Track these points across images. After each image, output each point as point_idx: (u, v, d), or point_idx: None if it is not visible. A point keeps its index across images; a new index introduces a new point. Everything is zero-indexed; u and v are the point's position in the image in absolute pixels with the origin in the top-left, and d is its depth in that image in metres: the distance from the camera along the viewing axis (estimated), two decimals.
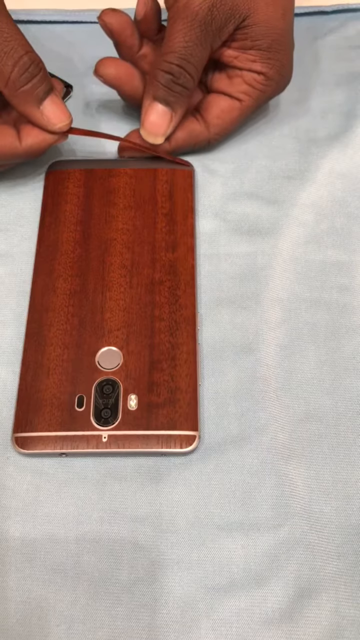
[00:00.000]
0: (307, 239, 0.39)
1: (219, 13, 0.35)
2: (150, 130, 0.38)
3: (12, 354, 0.35)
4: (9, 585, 0.30)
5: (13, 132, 0.36)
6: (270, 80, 0.39)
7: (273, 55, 0.37)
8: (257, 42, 0.37)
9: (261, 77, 0.38)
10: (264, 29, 0.36)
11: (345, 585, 0.30)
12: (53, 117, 0.36)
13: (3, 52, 0.33)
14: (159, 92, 0.37)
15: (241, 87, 0.39)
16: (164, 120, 0.38)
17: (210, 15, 0.35)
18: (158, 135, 0.38)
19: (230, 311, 0.37)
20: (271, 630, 0.29)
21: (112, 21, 0.39)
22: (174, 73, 0.36)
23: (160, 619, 0.30)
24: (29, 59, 0.34)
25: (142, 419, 0.32)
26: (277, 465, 0.33)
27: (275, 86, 0.39)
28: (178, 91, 0.37)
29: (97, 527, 0.31)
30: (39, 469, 0.33)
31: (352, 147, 0.42)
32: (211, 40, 0.36)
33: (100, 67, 0.39)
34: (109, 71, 0.39)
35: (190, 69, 0.36)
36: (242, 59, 0.38)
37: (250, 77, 0.38)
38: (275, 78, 0.39)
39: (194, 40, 0.35)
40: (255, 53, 0.37)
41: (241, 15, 0.36)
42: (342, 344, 0.36)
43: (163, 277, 0.36)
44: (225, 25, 0.36)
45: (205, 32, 0.35)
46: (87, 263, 0.37)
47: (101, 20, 0.39)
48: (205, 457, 0.33)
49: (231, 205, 0.41)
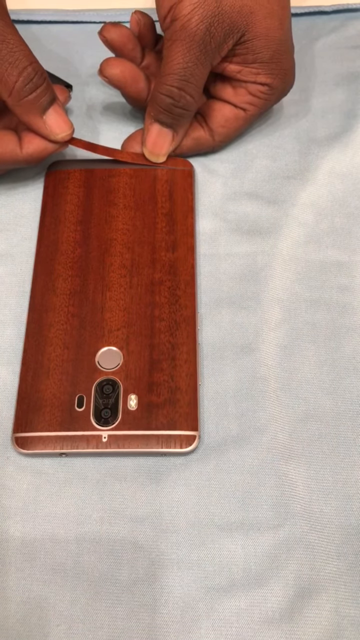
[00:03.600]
0: (307, 239, 0.39)
1: (216, 31, 0.34)
2: (152, 150, 0.39)
3: (12, 354, 0.35)
4: (9, 585, 0.30)
5: (14, 139, 0.37)
6: (275, 90, 0.39)
7: (275, 65, 0.37)
8: (258, 55, 0.37)
9: (266, 88, 0.38)
10: (264, 42, 0.36)
11: (345, 585, 0.30)
12: (55, 127, 0.36)
13: (8, 63, 0.33)
14: (160, 116, 0.37)
15: (245, 98, 0.39)
16: (166, 140, 0.39)
17: (208, 34, 0.34)
18: (160, 155, 0.39)
19: (230, 311, 0.37)
20: (271, 630, 0.29)
21: (112, 37, 0.39)
22: (174, 96, 0.36)
23: (160, 619, 0.30)
24: (33, 69, 0.34)
25: (142, 419, 0.32)
26: (277, 465, 0.33)
27: (279, 93, 0.39)
28: (178, 114, 0.37)
29: (97, 527, 0.31)
30: (39, 469, 0.33)
31: (352, 147, 0.42)
32: (211, 59, 0.36)
33: (106, 67, 0.39)
34: (115, 72, 0.39)
35: (191, 89, 0.36)
36: (245, 73, 0.38)
37: (254, 89, 0.38)
38: (279, 86, 0.39)
39: (194, 61, 0.35)
40: (257, 66, 0.37)
41: (239, 30, 0.35)
42: (342, 344, 0.36)
43: (163, 277, 0.36)
44: (225, 42, 0.35)
45: (205, 51, 0.35)
46: (87, 263, 0.37)
47: (102, 36, 0.39)
48: (205, 457, 0.33)
49: (231, 205, 0.41)
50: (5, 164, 0.37)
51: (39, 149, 0.37)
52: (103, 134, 0.43)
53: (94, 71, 0.46)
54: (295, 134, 0.43)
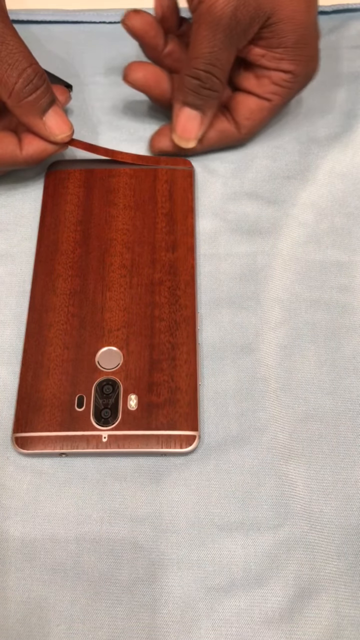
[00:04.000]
0: (307, 239, 0.39)
1: (242, 15, 0.34)
2: (182, 134, 0.39)
3: (12, 354, 0.35)
4: (9, 585, 0.30)
5: (14, 140, 0.37)
6: (299, 77, 0.38)
7: (300, 51, 0.37)
8: (283, 39, 0.36)
9: (289, 76, 0.38)
10: (290, 26, 0.36)
11: (345, 585, 0.30)
12: (55, 128, 0.36)
13: (7, 64, 0.33)
14: (188, 98, 0.37)
15: (269, 88, 0.38)
16: (195, 124, 0.39)
17: (234, 18, 0.34)
18: (190, 139, 0.39)
19: (230, 311, 0.37)
20: (271, 630, 0.29)
21: (135, 24, 0.39)
22: (201, 78, 0.36)
23: (160, 619, 0.30)
24: (33, 71, 0.34)
25: (142, 419, 0.32)
26: (277, 465, 0.33)
27: (303, 81, 0.39)
28: (206, 94, 0.37)
29: (97, 527, 0.31)
30: (39, 469, 0.33)
31: (352, 147, 0.42)
32: (237, 42, 0.36)
33: (129, 72, 0.39)
34: (138, 76, 0.39)
35: (217, 72, 0.36)
36: (269, 58, 0.37)
37: (277, 77, 0.38)
38: (302, 74, 0.38)
39: (219, 45, 0.35)
40: (282, 51, 0.37)
41: (265, 13, 0.35)
42: (342, 344, 0.36)
43: (163, 277, 0.36)
44: (250, 25, 0.35)
45: (230, 35, 0.35)
46: (87, 263, 0.37)
47: (124, 23, 0.39)
48: (205, 457, 0.33)
49: (231, 205, 0.41)
50: (5, 165, 0.37)
51: (38, 150, 0.37)
52: (103, 134, 0.43)
53: (93, 71, 0.46)
54: (295, 134, 0.43)
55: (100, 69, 0.46)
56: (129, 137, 0.43)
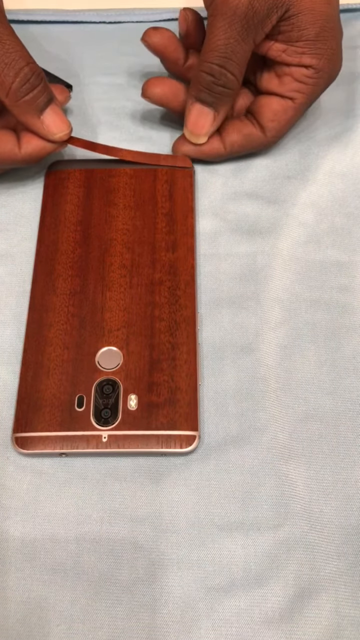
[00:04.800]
0: (307, 239, 0.39)
1: (259, 5, 0.33)
2: (193, 130, 0.39)
3: (12, 354, 0.35)
4: (9, 585, 0.30)
5: (13, 139, 0.37)
6: (321, 72, 0.37)
7: (321, 44, 0.36)
8: (303, 31, 0.35)
9: (311, 71, 0.37)
10: (310, 17, 0.35)
11: (345, 585, 0.30)
12: (53, 127, 0.36)
13: (4, 64, 0.33)
14: (201, 94, 0.37)
15: (292, 86, 0.37)
16: (207, 120, 0.38)
17: (251, 8, 0.33)
18: (200, 135, 0.39)
19: (230, 311, 0.37)
20: (271, 630, 0.29)
21: (154, 40, 0.39)
22: (215, 74, 0.36)
23: (160, 619, 0.30)
24: (30, 70, 0.34)
25: (142, 419, 0.32)
26: (277, 465, 0.33)
27: (327, 77, 0.38)
28: (219, 92, 0.37)
29: (97, 527, 0.31)
30: (39, 469, 0.33)
31: (352, 147, 0.42)
32: (254, 35, 0.35)
33: (147, 88, 0.40)
34: (156, 91, 0.39)
35: (232, 67, 0.35)
36: (290, 52, 0.36)
37: (299, 74, 0.37)
38: (325, 69, 0.37)
39: (235, 37, 0.34)
40: (302, 44, 0.36)
41: (284, 4, 0.34)
42: (342, 344, 0.36)
43: (163, 277, 0.36)
44: (268, 17, 0.34)
45: (247, 27, 0.34)
46: (87, 263, 0.37)
47: (144, 41, 0.39)
48: (205, 457, 0.33)
49: (231, 205, 0.41)
50: (4, 164, 0.37)
51: (37, 149, 0.37)
52: (103, 134, 0.43)
53: (93, 71, 0.46)
54: (295, 134, 0.43)
55: (100, 69, 0.46)
56: (129, 137, 0.43)
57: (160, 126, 0.44)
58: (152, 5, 0.48)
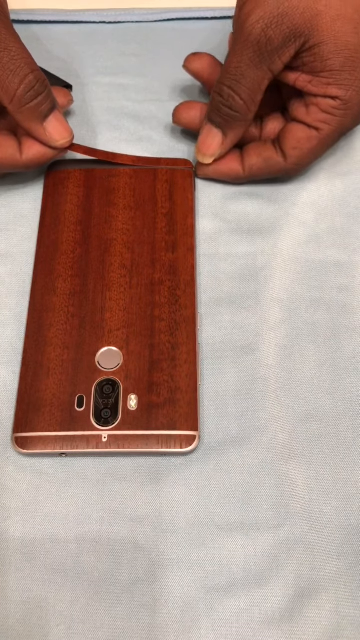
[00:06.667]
0: (307, 239, 0.39)
1: (275, 33, 0.33)
2: (200, 149, 0.39)
3: (12, 354, 0.35)
4: (9, 585, 0.30)
5: (14, 144, 0.37)
6: (349, 104, 0.35)
7: (348, 74, 0.34)
8: (327, 62, 0.34)
9: (338, 102, 0.35)
10: (333, 47, 0.33)
11: (345, 585, 0.30)
12: (55, 134, 0.36)
13: (10, 70, 0.33)
14: (211, 115, 0.37)
15: (318, 116, 0.36)
16: (214, 141, 0.38)
17: (264, 35, 0.33)
18: (206, 155, 0.39)
19: (230, 311, 0.37)
20: (271, 630, 0.29)
21: (196, 66, 0.40)
22: (224, 95, 0.35)
23: (160, 619, 0.30)
24: (35, 77, 0.34)
25: (142, 419, 0.32)
26: (277, 465, 0.33)
27: (355, 109, 0.36)
28: (226, 114, 0.36)
29: (97, 527, 0.31)
30: (39, 469, 0.33)
31: (353, 147, 0.42)
32: (268, 63, 0.34)
33: (177, 115, 0.41)
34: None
35: (241, 91, 0.35)
36: (316, 83, 0.35)
37: (326, 105, 0.35)
38: (354, 100, 0.35)
39: (246, 62, 0.34)
40: (328, 75, 0.34)
41: (302, 35, 0.33)
42: (342, 344, 0.36)
43: (163, 277, 0.36)
44: (285, 46, 0.33)
45: (260, 53, 0.33)
46: (87, 263, 0.37)
47: (185, 67, 0.40)
48: (205, 457, 0.33)
49: (231, 204, 0.41)
50: (5, 169, 0.38)
51: (38, 155, 0.37)
52: (102, 134, 0.43)
53: (93, 71, 0.46)
54: None
55: (100, 69, 0.46)
56: (129, 137, 0.43)
57: (160, 126, 0.44)
58: (152, 5, 0.48)
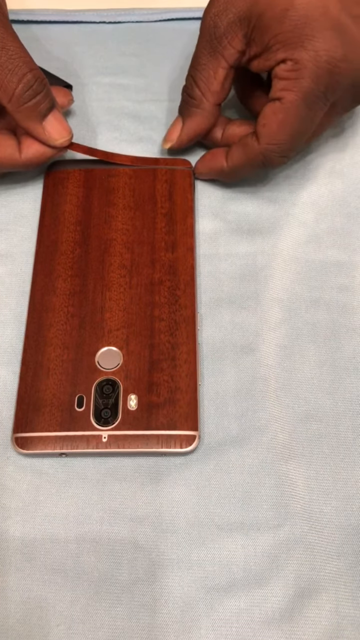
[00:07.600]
0: (307, 239, 0.39)
1: (220, 20, 0.35)
2: (166, 135, 0.41)
3: (12, 354, 0.35)
4: (9, 585, 0.30)
5: (13, 143, 0.37)
6: (300, 62, 0.33)
7: (291, 34, 0.33)
8: (269, 30, 0.33)
9: (289, 64, 0.33)
10: (271, 14, 0.33)
11: (345, 585, 0.30)
12: (54, 133, 0.36)
13: (8, 70, 0.33)
14: (180, 104, 0.39)
15: (277, 85, 0.34)
16: (175, 126, 0.40)
17: (212, 24, 0.35)
18: (167, 140, 0.40)
19: (230, 311, 0.37)
20: (271, 630, 0.29)
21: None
22: (186, 84, 0.38)
23: (160, 619, 0.30)
24: (33, 76, 0.34)
25: (142, 419, 0.32)
26: (277, 465, 0.33)
27: (311, 67, 0.33)
28: (184, 99, 0.38)
29: (97, 527, 0.31)
30: (39, 469, 0.33)
31: (353, 147, 0.42)
32: (220, 49, 0.36)
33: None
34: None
35: (197, 78, 0.37)
36: (268, 57, 0.34)
37: (280, 72, 0.34)
38: (305, 57, 0.33)
39: (202, 51, 0.36)
40: (274, 42, 0.33)
41: (246, 17, 0.34)
42: (342, 344, 0.36)
43: (163, 277, 0.36)
44: (231, 30, 0.35)
45: (210, 40, 0.36)
46: (86, 263, 0.37)
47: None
48: (205, 457, 0.33)
49: (231, 205, 0.41)
50: (4, 168, 0.37)
51: (37, 154, 0.37)
52: (102, 134, 0.43)
53: (94, 71, 0.46)
54: None
55: (100, 69, 0.46)
56: (129, 137, 0.43)
57: (160, 126, 0.44)
58: (152, 5, 0.48)
